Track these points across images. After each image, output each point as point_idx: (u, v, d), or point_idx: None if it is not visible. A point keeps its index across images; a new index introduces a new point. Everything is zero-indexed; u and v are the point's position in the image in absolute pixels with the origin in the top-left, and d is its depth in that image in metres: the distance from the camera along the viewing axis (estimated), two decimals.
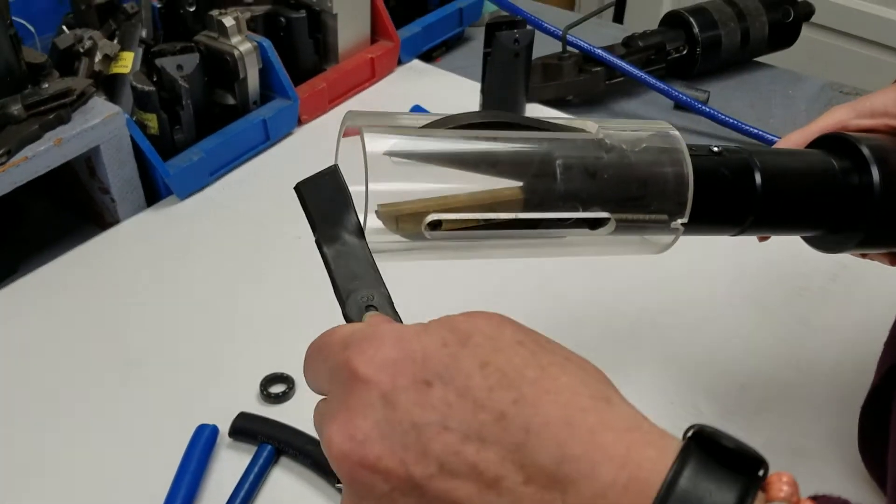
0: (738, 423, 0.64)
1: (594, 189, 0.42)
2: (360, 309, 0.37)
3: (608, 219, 0.42)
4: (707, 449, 0.29)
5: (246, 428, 0.62)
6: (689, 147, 0.46)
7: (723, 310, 0.74)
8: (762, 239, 0.59)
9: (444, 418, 0.29)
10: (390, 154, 0.40)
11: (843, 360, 0.69)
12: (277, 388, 0.65)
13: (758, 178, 0.47)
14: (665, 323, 0.73)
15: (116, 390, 0.66)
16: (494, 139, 0.42)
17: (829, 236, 0.51)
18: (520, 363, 0.30)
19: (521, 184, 0.42)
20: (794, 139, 0.54)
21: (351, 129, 0.42)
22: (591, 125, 0.44)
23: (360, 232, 0.39)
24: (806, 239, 0.53)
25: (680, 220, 0.44)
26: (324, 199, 0.39)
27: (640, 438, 0.29)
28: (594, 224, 0.43)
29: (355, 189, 0.40)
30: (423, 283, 0.75)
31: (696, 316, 0.73)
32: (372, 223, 0.40)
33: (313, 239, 0.39)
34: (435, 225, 0.40)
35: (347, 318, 0.37)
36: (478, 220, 0.41)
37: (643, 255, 0.48)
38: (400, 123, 0.43)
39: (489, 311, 0.33)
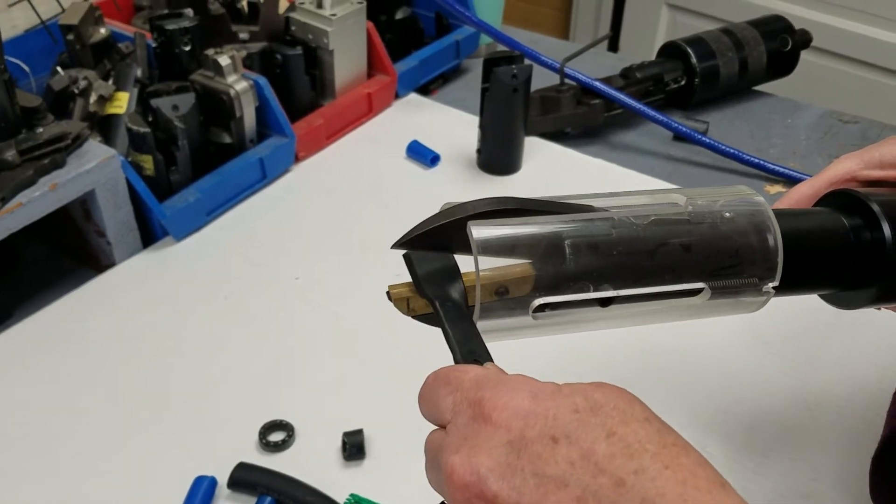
0: (747, 466, 0.63)
1: (689, 261, 0.44)
2: (469, 361, 0.39)
3: (702, 288, 0.44)
4: None
5: (245, 479, 0.60)
6: None
7: (728, 346, 0.73)
8: None
9: (565, 475, 0.32)
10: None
11: (850, 398, 0.68)
12: (277, 437, 0.64)
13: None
14: (670, 361, 0.72)
15: (112, 439, 0.64)
16: (591, 220, 0.43)
17: (842, 293, 0.51)
18: (644, 437, 0.32)
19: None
20: (802, 191, 0.54)
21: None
22: (678, 197, 0.46)
23: (464, 297, 0.42)
24: (820, 295, 0.53)
25: (771, 284, 0.46)
26: (431, 267, 0.42)
27: None
28: (690, 293, 0.45)
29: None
30: None
31: (701, 353, 0.72)
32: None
33: (422, 292, 0.42)
34: (540, 306, 0.41)
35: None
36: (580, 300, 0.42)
37: (735, 315, 0.49)
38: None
39: (619, 386, 0.35)
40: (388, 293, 0.43)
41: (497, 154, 0.92)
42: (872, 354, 0.72)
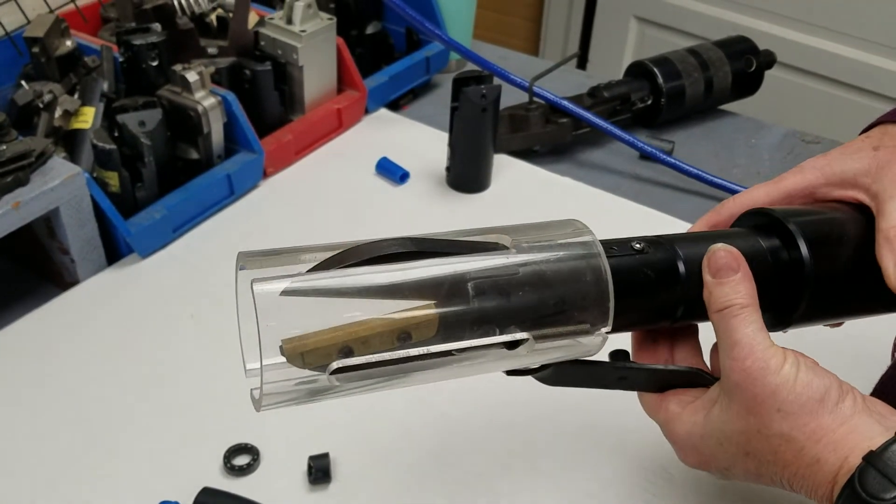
0: (709, 492, 0.64)
1: (509, 308, 0.41)
2: None
3: (526, 339, 0.42)
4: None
5: (209, 503, 0.60)
6: (609, 247, 0.45)
7: None
8: None
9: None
10: (285, 294, 0.39)
11: None
12: (242, 460, 0.64)
13: (682, 268, 0.47)
14: None
15: (73, 463, 0.64)
16: (400, 268, 0.41)
17: (768, 314, 0.50)
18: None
19: (434, 302, 0.41)
20: (757, 195, 0.53)
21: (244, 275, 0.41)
22: (505, 238, 0.44)
23: None
24: None
25: (604, 329, 0.44)
26: None
27: None
28: (513, 343, 0.42)
29: (252, 331, 0.39)
30: None
31: None
32: (276, 360, 0.39)
33: None
34: (341, 367, 0.39)
35: None
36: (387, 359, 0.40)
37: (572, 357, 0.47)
38: (296, 262, 0.42)
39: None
40: (280, 348, 0.40)
41: (466, 172, 0.93)
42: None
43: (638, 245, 0.46)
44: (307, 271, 0.41)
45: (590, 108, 0.98)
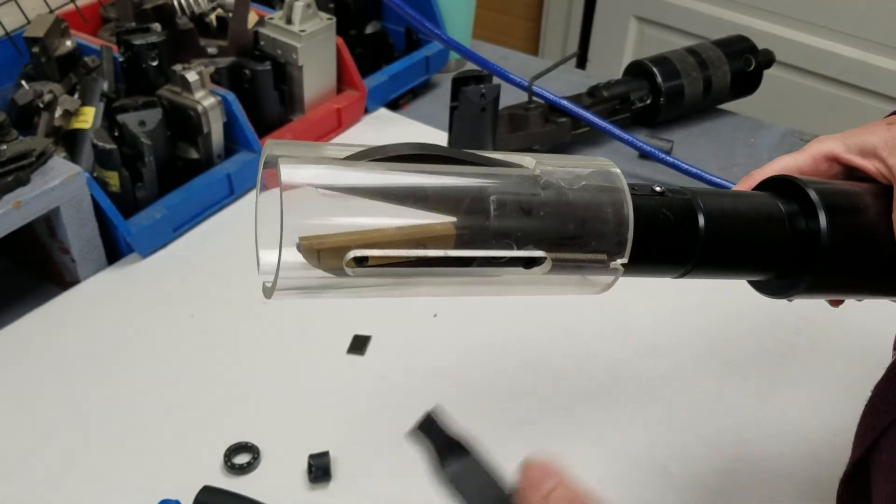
0: (709, 486, 0.64)
1: (529, 227, 0.41)
2: None
3: (544, 258, 0.41)
4: None
5: (210, 502, 0.60)
6: (631, 186, 0.45)
7: (691, 365, 0.74)
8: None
9: None
10: (310, 186, 0.38)
11: (811, 417, 0.70)
12: (242, 459, 0.64)
13: (701, 220, 0.46)
14: (634, 381, 0.73)
15: (74, 461, 0.64)
16: (425, 172, 0.40)
17: (774, 281, 0.50)
18: None
19: (453, 219, 0.40)
20: (786, 162, 0.53)
21: (271, 159, 0.40)
22: (528, 160, 0.43)
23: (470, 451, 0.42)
24: (752, 284, 0.52)
25: (619, 261, 0.43)
26: (435, 436, 0.44)
27: None
28: (529, 263, 0.41)
29: (274, 225, 0.38)
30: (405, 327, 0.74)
31: (664, 373, 0.73)
32: (293, 257, 0.38)
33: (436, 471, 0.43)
34: (360, 261, 0.38)
35: None
36: (406, 257, 0.39)
37: (583, 295, 0.46)
38: (324, 154, 0.41)
39: None
40: (297, 245, 0.38)
41: None
42: (830, 374, 0.74)
43: (659, 188, 0.46)
44: (328, 164, 0.40)
45: (589, 107, 0.98)
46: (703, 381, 0.73)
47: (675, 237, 0.45)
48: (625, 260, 0.43)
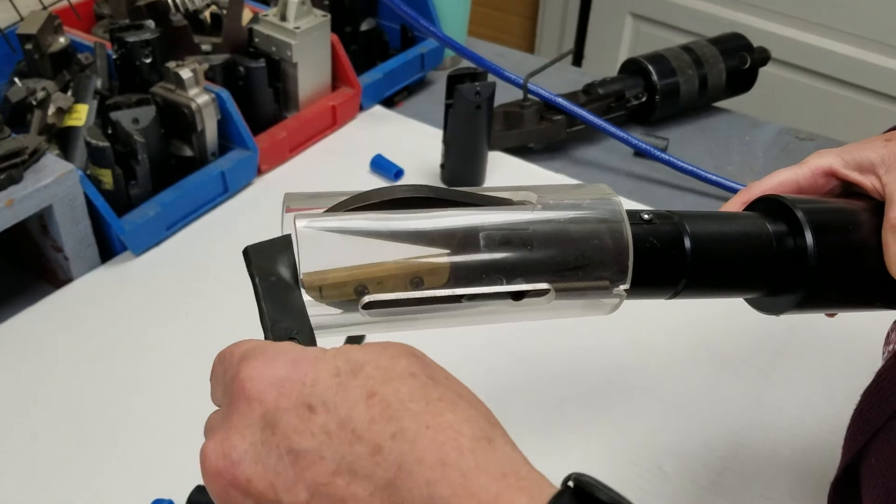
0: (701, 485, 0.64)
1: (533, 260, 0.43)
2: (283, 338, 0.37)
3: (548, 290, 0.43)
4: (582, 499, 0.28)
5: (203, 502, 0.60)
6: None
7: (684, 363, 0.74)
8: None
9: (321, 447, 0.29)
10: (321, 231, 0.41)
11: (803, 417, 0.70)
12: None
13: (687, 244, 0.47)
14: (626, 378, 0.73)
15: (67, 461, 0.64)
16: (419, 217, 0.43)
17: (766, 299, 0.51)
18: (406, 395, 0.30)
19: (450, 258, 0.43)
20: (786, 175, 0.54)
21: (291, 209, 0.43)
22: (530, 195, 0.45)
23: (295, 279, 0.40)
24: (746, 300, 0.53)
25: (622, 287, 0.45)
26: (268, 253, 0.41)
27: (513, 484, 0.28)
28: (518, 295, 0.43)
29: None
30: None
31: (657, 370, 0.73)
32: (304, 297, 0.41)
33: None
34: (369, 302, 0.41)
35: None
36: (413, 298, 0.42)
37: (591, 316, 0.48)
38: (329, 202, 0.44)
39: (393, 342, 0.33)
40: (300, 281, 0.41)
41: (460, 169, 0.93)
42: (825, 372, 0.74)
43: (647, 216, 0.47)
44: (325, 211, 0.43)
45: (584, 105, 0.98)
46: (698, 379, 0.73)
47: (663, 263, 0.47)
48: (627, 286, 0.45)
